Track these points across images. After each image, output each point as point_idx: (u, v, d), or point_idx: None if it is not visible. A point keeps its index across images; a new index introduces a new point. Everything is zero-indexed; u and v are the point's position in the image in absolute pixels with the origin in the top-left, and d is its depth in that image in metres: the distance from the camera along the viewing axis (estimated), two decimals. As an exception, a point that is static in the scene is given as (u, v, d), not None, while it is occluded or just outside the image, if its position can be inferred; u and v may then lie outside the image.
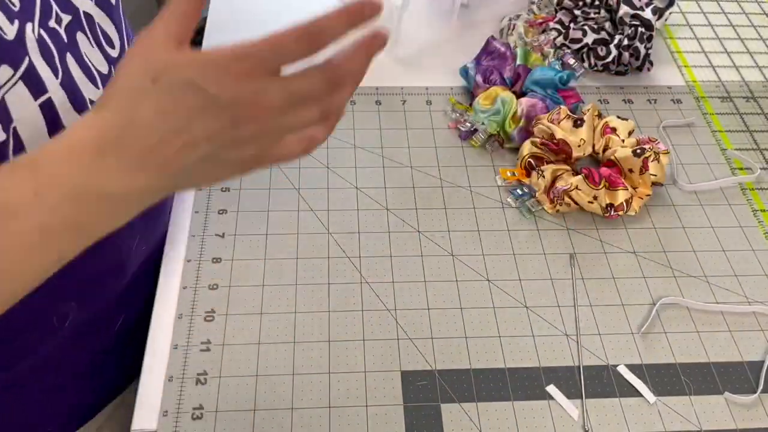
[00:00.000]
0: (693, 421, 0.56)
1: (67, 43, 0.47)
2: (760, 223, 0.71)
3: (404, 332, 0.60)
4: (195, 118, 0.36)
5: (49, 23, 0.45)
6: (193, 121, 0.36)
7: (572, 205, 0.69)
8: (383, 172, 0.72)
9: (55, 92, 0.45)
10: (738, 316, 0.63)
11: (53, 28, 0.45)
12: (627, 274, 0.65)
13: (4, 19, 0.40)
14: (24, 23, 0.42)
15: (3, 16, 0.40)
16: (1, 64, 0.40)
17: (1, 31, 0.40)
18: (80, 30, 0.48)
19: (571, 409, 0.56)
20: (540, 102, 0.74)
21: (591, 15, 0.85)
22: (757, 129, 0.80)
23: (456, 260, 0.65)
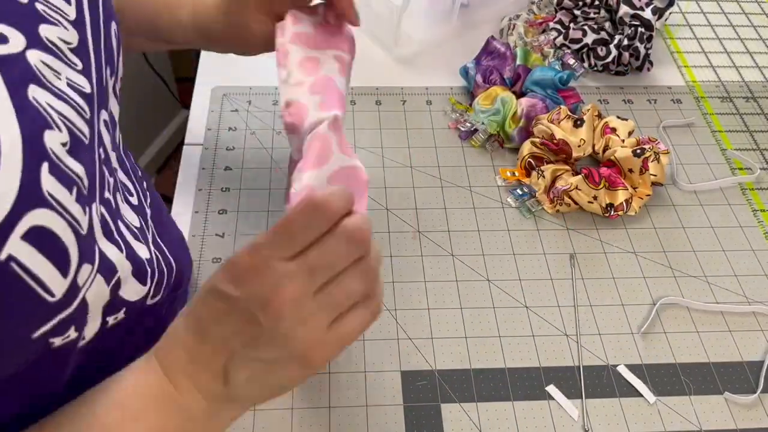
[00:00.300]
0: (693, 421, 0.56)
1: (115, 209, 0.42)
2: (760, 223, 0.71)
3: (404, 332, 0.60)
4: (223, 321, 0.38)
5: (105, 194, 0.40)
6: (223, 325, 0.38)
7: (572, 205, 0.69)
8: (383, 172, 0.72)
9: (123, 268, 0.40)
10: (738, 316, 0.63)
11: (107, 198, 0.41)
12: (627, 274, 0.65)
13: (80, 212, 0.34)
14: (91, 206, 0.37)
15: (80, 208, 0.34)
16: (82, 264, 0.34)
17: (80, 226, 0.34)
18: (117, 190, 0.44)
19: (571, 409, 0.56)
20: (540, 102, 0.74)
21: (591, 15, 0.85)
22: (757, 129, 0.80)
23: (456, 260, 0.65)
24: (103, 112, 0.41)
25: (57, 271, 0.32)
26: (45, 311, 0.33)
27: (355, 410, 0.55)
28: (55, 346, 0.35)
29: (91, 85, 0.39)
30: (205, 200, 0.68)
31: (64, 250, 0.33)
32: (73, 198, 0.33)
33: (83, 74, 0.38)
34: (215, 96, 0.78)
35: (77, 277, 0.34)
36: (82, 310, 0.36)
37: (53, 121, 0.33)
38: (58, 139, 0.33)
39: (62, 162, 0.33)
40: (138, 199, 0.49)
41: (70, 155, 0.34)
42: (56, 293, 0.32)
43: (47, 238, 0.31)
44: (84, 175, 0.35)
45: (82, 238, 0.34)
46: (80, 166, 0.35)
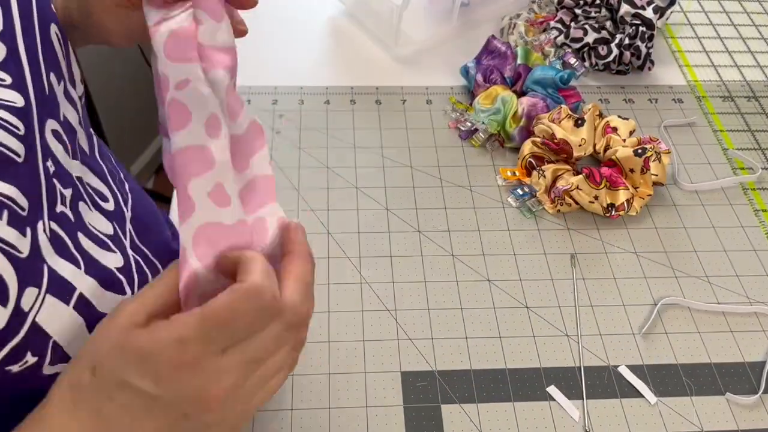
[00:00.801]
0: (694, 422, 0.56)
1: (74, 222, 0.40)
2: (761, 223, 0.71)
3: (404, 332, 0.60)
4: (142, 419, 0.33)
5: (56, 209, 0.38)
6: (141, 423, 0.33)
7: (573, 205, 0.69)
8: (383, 172, 0.72)
9: (83, 285, 0.38)
10: (739, 317, 0.63)
11: (60, 212, 0.38)
12: (628, 274, 0.65)
13: (15, 235, 0.33)
14: (35, 227, 0.35)
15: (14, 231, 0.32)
16: (24, 289, 0.32)
17: (17, 251, 0.32)
18: (80, 200, 0.42)
19: (571, 409, 0.56)
20: (541, 101, 0.73)
21: (592, 14, 0.85)
22: (758, 129, 0.80)
23: (456, 260, 0.65)
24: (51, 122, 0.39)
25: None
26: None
27: (355, 411, 0.55)
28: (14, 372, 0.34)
29: (25, 98, 0.36)
30: (205, 200, 0.68)
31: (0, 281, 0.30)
32: (3, 222, 0.31)
33: (12, 88, 0.36)
34: (215, 96, 0.78)
35: (20, 303, 0.32)
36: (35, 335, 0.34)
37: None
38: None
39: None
40: (115, 204, 0.47)
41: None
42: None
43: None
44: (17, 195, 0.33)
45: (20, 261, 0.32)
46: (11, 187, 0.33)
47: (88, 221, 0.42)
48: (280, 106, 0.78)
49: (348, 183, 0.71)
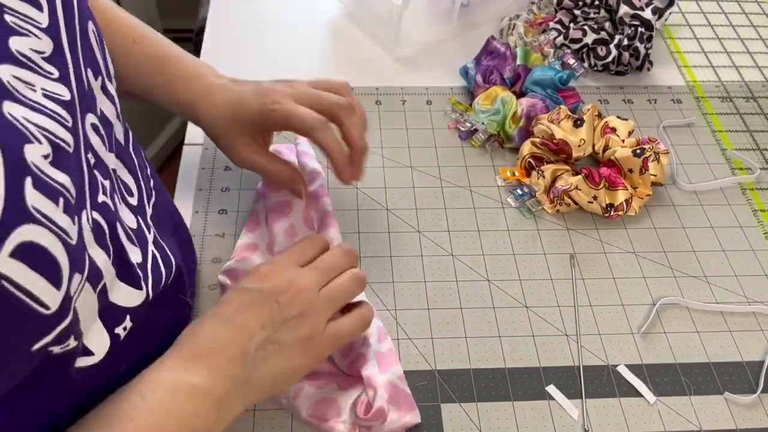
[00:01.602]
0: (693, 421, 0.56)
1: (113, 211, 0.42)
2: (760, 223, 0.71)
3: (404, 332, 0.60)
4: (246, 310, 0.48)
5: (99, 199, 0.40)
6: (246, 313, 0.48)
7: (572, 205, 0.69)
8: (383, 172, 0.72)
9: (109, 274, 0.40)
10: (738, 316, 0.63)
11: (102, 202, 0.41)
12: (627, 274, 0.65)
13: (68, 222, 0.34)
14: (81, 215, 0.37)
15: (68, 219, 0.34)
16: (73, 274, 0.34)
17: (69, 237, 0.34)
18: (114, 192, 0.44)
19: (571, 409, 0.56)
20: (540, 102, 0.74)
21: (591, 15, 0.85)
22: (757, 129, 0.80)
23: (456, 260, 0.65)
24: (90, 115, 0.41)
25: (49, 284, 0.32)
26: (43, 324, 0.33)
27: (355, 410, 0.55)
28: (55, 353, 0.36)
29: (70, 92, 0.38)
30: (205, 200, 0.68)
31: (55, 263, 0.32)
32: (60, 209, 0.33)
33: (60, 82, 0.38)
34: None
35: (70, 288, 0.34)
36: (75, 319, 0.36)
37: (32, 134, 0.33)
38: (39, 152, 0.33)
39: (46, 174, 0.33)
40: (138, 199, 0.49)
41: (54, 166, 0.34)
42: (51, 306, 0.32)
43: (37, 253, 0.31)
44: (70, 185, 0.35)
45: (71, 248, 0.34)
46: (65, 176, 0.34)
47: (121, 214, 0.44)
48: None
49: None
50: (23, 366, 0.34)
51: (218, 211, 0.67)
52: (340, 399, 0.52)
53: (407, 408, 0.53)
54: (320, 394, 0.53)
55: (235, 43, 0.85)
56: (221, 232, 0.66)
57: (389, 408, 0.52)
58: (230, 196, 0.69)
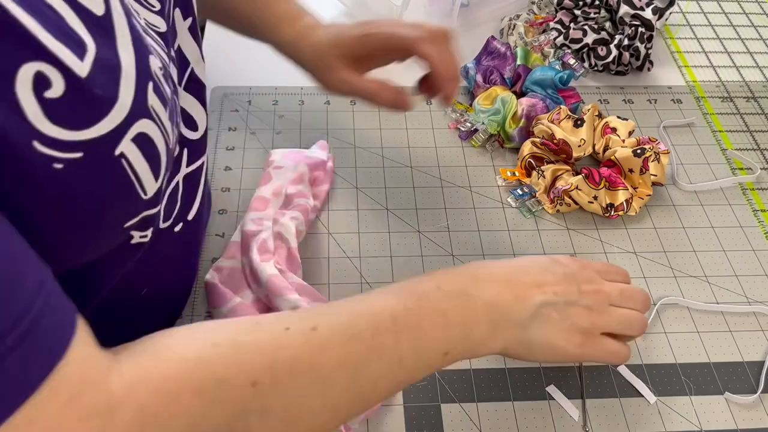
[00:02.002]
0: (693, 422, 0.56)
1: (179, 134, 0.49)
2: (760, 223, 0.71)
3: (404, 332, 0.60)
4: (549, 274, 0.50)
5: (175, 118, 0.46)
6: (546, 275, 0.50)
7: (572, 205, 0.69)
8: (383, 172, 0.72)
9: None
10: (738, 316, 0.63)
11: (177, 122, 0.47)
12: (627, 274, 0.65)
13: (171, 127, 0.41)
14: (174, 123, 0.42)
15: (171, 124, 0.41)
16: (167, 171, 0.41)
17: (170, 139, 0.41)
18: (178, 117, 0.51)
19: (571, 409, 0.56)
20: (540, 102, 0.74)
21: (591, 15, 0.85)
22: (757, 129, 0.80)
23: (456, 260, 0.65)
24: (171, 49, 0.46)
25: (151, 174, 0.38)
26: (138, 207, 0.38)
27: (355, 410, 0.55)
28: (133, 242, 0.41)
29: (167, 24, 0.44)
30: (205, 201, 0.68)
31: (159, 157, 0.38)
32: (167, 115, 0.39)
33: (159, 14, 0.43)
34: (215, 96, 0.78)
35: (163, 182, 0.40)
36: (158, 213, 0.42)
37: (152, 47, 0.39)
38: (156, 64, 0.39)
39: (161, 83, 0.39)
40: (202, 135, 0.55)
41: (164, 79, 0.40)
42: (149, 192, 0.38)
43: (149, 144, 0.37)
44: (171, 98, 0.41)
45: (170, 149, 0.40)
46: (169, 89, 0.40)
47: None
48: (280, 107, 0.78)
49: (348, 183, 0.71)
50: (110, 239, 0.38)
51: (218, 211, 0.67)
52: None
53: None
54: None
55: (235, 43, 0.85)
56: (221, 232, 0.66)
57: None
58: (230, 196, 0.69)
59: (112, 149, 0.34)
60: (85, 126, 0.33)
